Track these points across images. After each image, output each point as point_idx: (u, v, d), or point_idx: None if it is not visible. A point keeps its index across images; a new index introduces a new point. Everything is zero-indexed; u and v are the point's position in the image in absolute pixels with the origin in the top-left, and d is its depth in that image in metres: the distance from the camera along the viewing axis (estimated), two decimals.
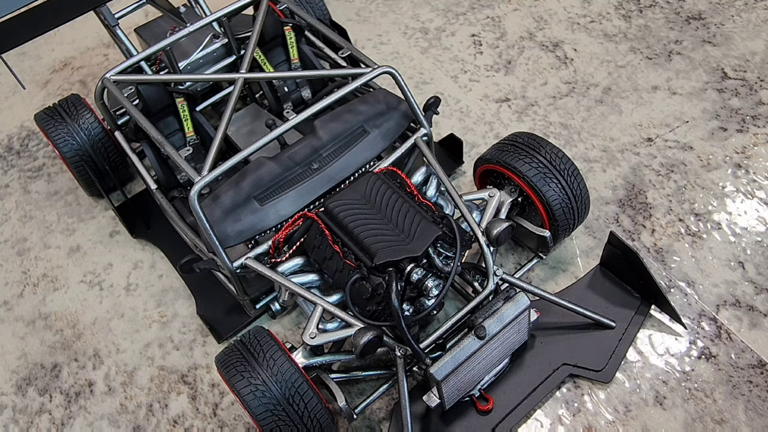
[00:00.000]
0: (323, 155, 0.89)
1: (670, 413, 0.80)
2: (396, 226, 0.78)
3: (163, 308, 0.98)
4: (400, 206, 0.80)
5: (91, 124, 1.03)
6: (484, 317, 0.75)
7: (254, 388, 0.70)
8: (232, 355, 0.74)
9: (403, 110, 0.93)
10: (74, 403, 0.91)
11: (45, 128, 1.02)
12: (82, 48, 1.43)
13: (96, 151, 1.03)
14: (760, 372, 0.81)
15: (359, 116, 0.92)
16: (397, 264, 0.75)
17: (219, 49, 1.06)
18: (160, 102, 0.95)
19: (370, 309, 0.76)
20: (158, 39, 0.99)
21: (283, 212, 0.84)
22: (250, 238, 0.84)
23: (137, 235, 1.05)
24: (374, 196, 0.81)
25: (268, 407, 0.70)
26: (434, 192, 0.87)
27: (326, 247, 0.80)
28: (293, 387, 0.70)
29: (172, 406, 0.89)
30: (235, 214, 0.83)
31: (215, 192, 0.86)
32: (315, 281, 0.82)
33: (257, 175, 0.86)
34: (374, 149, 0.90)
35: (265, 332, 0.75)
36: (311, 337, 0.76)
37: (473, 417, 0.80)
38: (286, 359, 0.72)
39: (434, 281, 0.76)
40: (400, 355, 0.75)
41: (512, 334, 0.78)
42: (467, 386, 0.78)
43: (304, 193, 0.86)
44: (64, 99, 1.06)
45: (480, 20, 1.33)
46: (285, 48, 1.07)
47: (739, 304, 0.88)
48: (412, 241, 0.76)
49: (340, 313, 0.76)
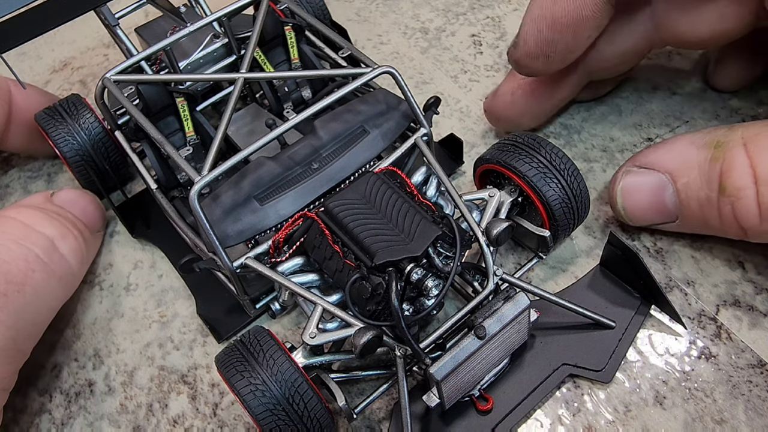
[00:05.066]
0: (323, 155, 0.89)
1: (670, 413, 0.80)
2: (396, 226, 0.78)
3: (163, 308, 0.98)
4: (400, 206, 0.80)
5: (92, 124, 1.03)
6: (484, 317, 0.75)
7: (254, 387, 0.70)
8: (231, 355, 0.74)
9: (403, 110, 0.93)
10: (74, 403, 0.91)
11: (45, 128, 1.02)
12: (83, 48, 1.43)
13: (96, 150, 1.03)
14: (760, 372, 0.81)
15: (359, 116, 0.92)
16: (396, 264, 0.75)
17: (219, 48, 1.06)
18: (160, 102, 0.95)
19: (370, 309, 0.75)
20: (158, 39, 0.99)
21: (283, 212, 0.84)
22: (250, 237, 0.84)
23: (137, 234, 1.05)
24: (374, 196, 0.81)
25: (267, 407, 0.69)
26: (434, 192, 0.87)
27: (326, 247, 0.80)
28: (293, 387, 0.70)
29: (172, 406, 0.89)
30: (235, 213, 0.83)
31: (215, 192, 0.86)
32: (315, 281, 0.82)
33: (257, 174, 0.86)
34: (374, 149, 0.90)
35: (265, 332, 0.75)
36: (311, 337, 0.76)
37: (473, 417, 0.80)
38: (286, 359, 0.72)
39: (434, 281, 0.76)
40: (400, 354, 0.75)
41: (512, 334, 0.78)
42: (467, 386, 0.78)
43: (304, 193, 0.86)
44: (64, 99, 1.06)
45: (480, 20, 1.33)
46: (285, 48, 1.07)
47: (739, 304, 0.87)
48: (412, 241, 0.76)
49: (340, 313, 0.76)
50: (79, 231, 0.94)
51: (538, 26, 0.87)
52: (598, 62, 0.98)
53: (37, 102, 1.07)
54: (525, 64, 0.92)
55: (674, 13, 0.90)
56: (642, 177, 0.88)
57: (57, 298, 0.90)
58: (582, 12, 0.85)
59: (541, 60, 0.90)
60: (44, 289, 0.86)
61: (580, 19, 0.85)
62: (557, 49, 0.88)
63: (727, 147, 0.80)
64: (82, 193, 1.02)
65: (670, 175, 0.85)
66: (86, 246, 0.95)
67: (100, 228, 1.04)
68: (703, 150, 0.82)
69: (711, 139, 0.82)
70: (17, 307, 0.81)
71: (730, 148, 0.79)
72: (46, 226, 0.89)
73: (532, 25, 0.88)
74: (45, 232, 0.88)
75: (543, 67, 0.91)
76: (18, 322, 0.81)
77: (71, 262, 0.91)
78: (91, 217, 1.01)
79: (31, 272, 0.84)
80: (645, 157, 0.88)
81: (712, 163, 0.80)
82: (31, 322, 0.84)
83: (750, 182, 0.77)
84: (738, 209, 0.78)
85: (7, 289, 0.80)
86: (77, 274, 0.94)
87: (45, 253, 0.87)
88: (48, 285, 0.86)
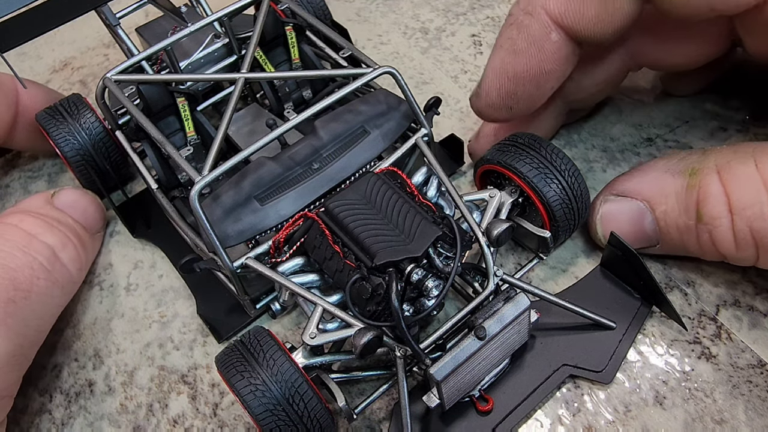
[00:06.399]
0: (324, 155, 0.89)
1: (670, 413, 0.80)
2: (396, 227, 0.78)
3: (163, 308, 0.98)
4: (400, 206, 0.80)
5: (92, 124, 1.03)
6: (484, 318, 0.75)
7: (254, 388, 0.70)
8: (232, 355, 0.74)
9: (404, 110, 0.93)
10: (74, 403, 0.91)
11: (46, 127, 1.02)
12: (83, 48, 1.43)
13: (97, 150, 1.03)
14: (760, 372, 0.81)
15: (360, 116, 0.92)
16: (397, 264, 0.75)
17: (220, 48, 1.06)
18: (161, 102, 0.95)
19: (370, 309, 0.75)
20: (159, 39, 0.99)
21: (284, 212, 0.84)
22: (251, 237, 0.84)
23: (138, 234, 1.05)
24: (375, 196, 0.81)
25: (268, 407, 0.70)
26: (435, 192, 0.87)
27: (326, 247, 0.80)
28: (293, 387, 0.70)
29: (172, 406, 0.89)
30: (235, 213, 0.83)
31: (216, 192, 0.86)
32: (315, 281, 0.82)
33: (258, 174, 0.86)
34: (375, 149, 0.90)
35: (265, 332, 0.75)
36: (311, 337, 0.76)
37: (473, 417, 0.80)
38: (287, 359, 0.72)
39: (434, 282, 0.76)
40: (400, 355, 0.75)
41: (512, 335, 0.78)
42: (467, 387, 0.78)
43: (305, 193, 0.86)
44: (65, 98, 1.06)
45: (480, 20, 1.33)
46: (286, 48, 1.07)
47: (739, 304, 0.87)
48: (413, 241, 0.76)
49: (340, 313, 0.76)
50: (79, 238, 0.95)
51: (499, 79, 0.86)
52: (575, 93, 0.98)
53: (43, 100, 1.08)
54: (488, 113, 0.91)
55: (649, 46, 0.90)
56: (620, 205, 0.88)
57: (58, 305, 0.91)
58: (544, 66, 0.83)
59: (504, 110, 0.89)
60: (48, 297, 0.87)
61: (543, 73, 0.84)
62: (519, 101, 0.87)
63: (701, 174, 0.80)
64: (82, 193, 1.02)
65: (648, 203, 0.85)
66: (85, 252, 0.97)
67: (100, 229, 1.04)
68: (678, 177, 0.82)
69: (685, 166, 0.82)
70: (25, 314, 0.82)
71: (704, 176, 0.79)
72: (47, 236, 0.90)
73: (493, 78, 0.86)
74: (47, 242, 0.89)
75: (507, 115, 0.90)
76: (25, 328, 0.82)
77: (71, 270, 0.92)
78: (91, 218, 1.01)
79: (36, 280, 0.85)
80: (622, 184, 0.88)
81: (689, 191, 0.80)
82: (36, 328, 0.85)
83: (725, 211, 0.77)
84: (715, 237, 0.79)
85: (15, 295, 0.81)
86: (76, 282, 0.95)
87: (48, 262, 0.88)
88: (51, 292, 0.87)
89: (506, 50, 0.84)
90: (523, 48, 0.83)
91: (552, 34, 0.81)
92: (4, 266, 0.83)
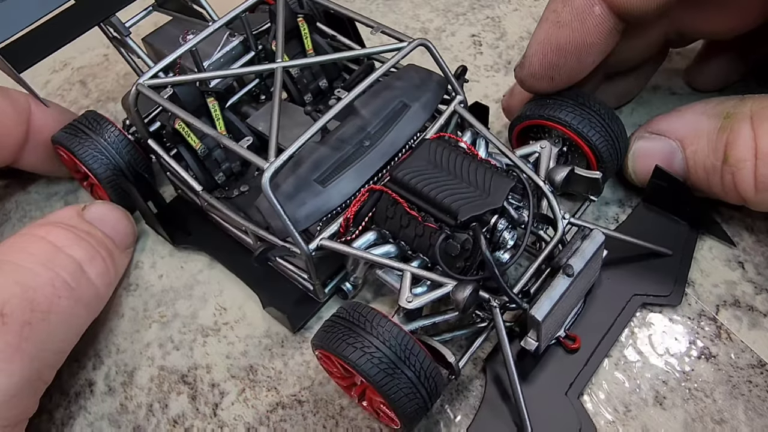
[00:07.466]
0: (371, 132, 0.90)
1: (670, 413, 0.80)
2: (470, 184, 0.80)
3: (163, 308, 0.98)
4: (468, 165, 0.82)
5: (117, 137, 1.00)
6: (567, 256, 0.78)
7: (370, 355, 0.70)
8: (335, 330, 0.74)
9: (437, 81, 0.96)
10: (74, 403, 0.90)
11: (70, 147, 0.98)
12: (83, 48, 1.41)
13: (127, 163, 1.00)
14: (760, 372, 0.82)
15: (396, 92, 0.94)
16: (480, 218, 0.78)
17: (237, 46, 1.05)
18: (194, 102, 0.94)
19: (459, 266, 0.77)
20: (170, 45, 0.98)
21: (347, 190, 0.85)
22: (319, 219, 0.84)
23: (178, 242, 1.03)
24: (439, 159, 0.83)
25: (387, 372, 0.70)
26: (484, 152, 0.90)
27: (401, 215, 0.81)
28: (407, 348, 0.71)
29: (172, 406, 0.88)
30: (299, 198, 0.84)
31: (273, 182, 0.86)
32: (392, 251, 0.84)
33: (312, 159, 0.87)
34: (419, 120, 0.92)
35: (361, 305, 0.76)
36: (408, 302, 0.77)
37: (563, 357, 0.83)
38: (394, 324, 0.73)
39: (509, 233, 0.79)
40: (496, 305, 0.77)
41: (591, 271, 0.82)
42: (557, 327, 0.81)
43: (363, 170, 0.87)
44: (81, 116, 1.03)
45: (480, 20, 1.34)
46: (299, 40, 1.08)
47: (739, 304, 0.89)
48: (489, 194, 0.79)
49: (431, 275, 0.78)
50: (108, 252, 0.92)
51: (543, 50, 0.88)
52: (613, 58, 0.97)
53: (56, 120, 1.03)
54: (530, 84, 0.93)
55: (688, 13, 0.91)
56: (653, 143, 0.92)
57: (82, 324, 0.87)
58: (586, 39, 0.85)
59: (545, 81, 0.91)
60: (70, 316, 0.83)
61: (585, 46, 0.86)
62: (561, 72, 0.89)
63: (735, 118, 0.84)
64: (113, 208, 0.99)
65: (680, 142, 0.89)
66: (114, 267, 0.93)
67: (131, 244, 1.02)
68: (713, 120, 0.86)
69: (722, 109, 0.86)
70: (42, 336, 0.78)
71: (738, 120, 0.83)
72: (75, 249, 0.86)
73: (537, 48, 0.89)
74: (74, 255, 0.86)
75: (547, 87, 0.92)
76: (42, 352, 0.78)
77: (98, 286, 0.88)
78: (122, 232, 0.98)
79: (57, 299, 0.81)
80: (657, 124, 0.93)
81: (720, 133, 0.84)
82: (56, 350, 0.82)
83: (751, 155, 0.81)
84: (738, 179, 0.83)
85: (32, 317, 0.77)
86: (104, 298, 0.91)
87: (72, 278, 0.84)
88: (74, 312, 0.84)
89: (551, 22, 0.86)
90: (567, 20, 0.85)
91: (595, 8, 0.83)
92: (23, 285, 0.78)
